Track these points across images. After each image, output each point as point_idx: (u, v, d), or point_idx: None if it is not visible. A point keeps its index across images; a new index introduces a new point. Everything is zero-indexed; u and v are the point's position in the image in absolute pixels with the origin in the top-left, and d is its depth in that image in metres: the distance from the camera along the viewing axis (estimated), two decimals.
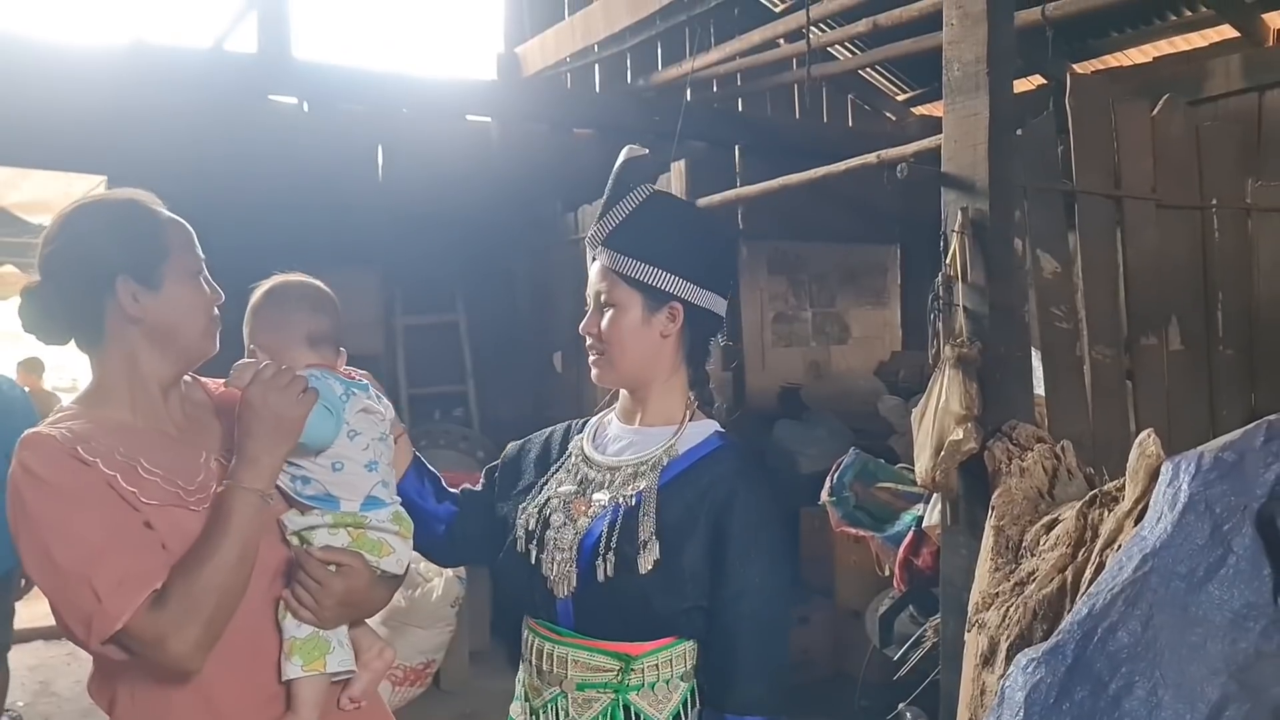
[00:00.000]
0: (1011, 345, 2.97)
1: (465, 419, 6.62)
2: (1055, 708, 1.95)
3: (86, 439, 1.43)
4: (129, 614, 1.34)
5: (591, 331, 1.67)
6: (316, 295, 1.68)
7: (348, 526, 1.55)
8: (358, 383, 1.66)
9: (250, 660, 1.50)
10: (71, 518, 1.37)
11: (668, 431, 1.67)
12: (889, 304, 8.37)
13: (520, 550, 1.65)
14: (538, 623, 1.66)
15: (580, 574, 1.57)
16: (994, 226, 2.92)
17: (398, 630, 4.56)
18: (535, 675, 1.64)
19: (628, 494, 1.60)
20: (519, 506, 1.72)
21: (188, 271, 1.56)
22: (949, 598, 3.01)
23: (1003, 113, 2.92)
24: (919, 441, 2.98)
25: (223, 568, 1.40)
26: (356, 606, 1.56)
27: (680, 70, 6.69)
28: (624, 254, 1.63)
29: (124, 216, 1.54)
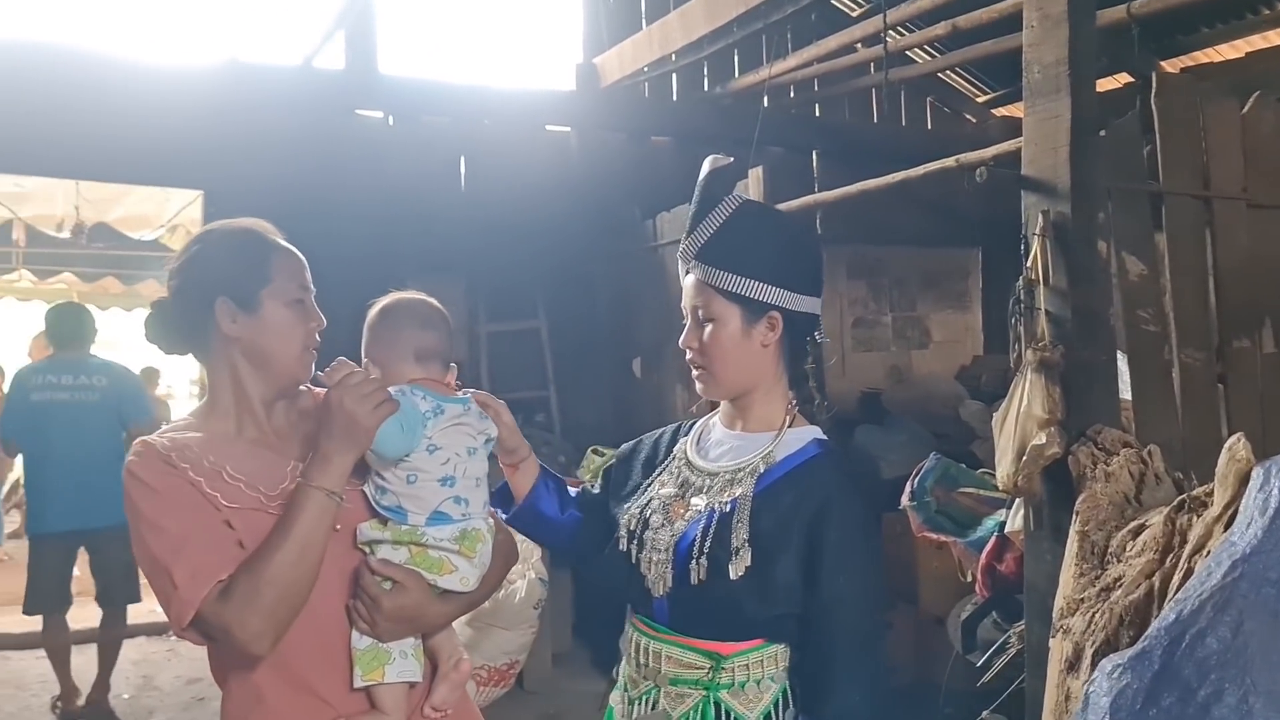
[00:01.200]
0: (1096, 349, 2.94)
1: (547, 424, 6.72)
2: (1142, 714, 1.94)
3: (181, 448, 1.56)
4: (199, 603, 1.45)
5: (692, 346, 1.69)
6: (426, 312, 1.72)
7: (407, 544, 1.58)
8: (458, 398, 1.68)
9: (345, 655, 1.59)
10: (160, 515, 1.50)
11: (767, 438, 1.69)
12: (970, 308, 8.27)
13: (622, 549, 1.70)
14: (639, 619, 1.71)
15: (675, 575, 1.61)
16: (1076, 229, 2.90)
17: (482, 631, 4.65)
18: (635, 668, 1.69)
19: (724, 500, 1.63)
20: (624, 506, 1.77)
21: (287, 299, 1.65)
22: (1033, 603, 2.98)
23: (1085, 114, 2.90)
24: (1000, 446, 2.96)
25: (283, 562, 1.47)
26: (411, 622, 1.59)
27: (757, 77, 6.71)
28: (719, 268, 1.64)
29: (233, 242, 1.66)
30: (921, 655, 4.80)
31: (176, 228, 7.94)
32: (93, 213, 7.49)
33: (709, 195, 1.68)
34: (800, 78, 6.91)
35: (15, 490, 8.76)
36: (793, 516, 1.58)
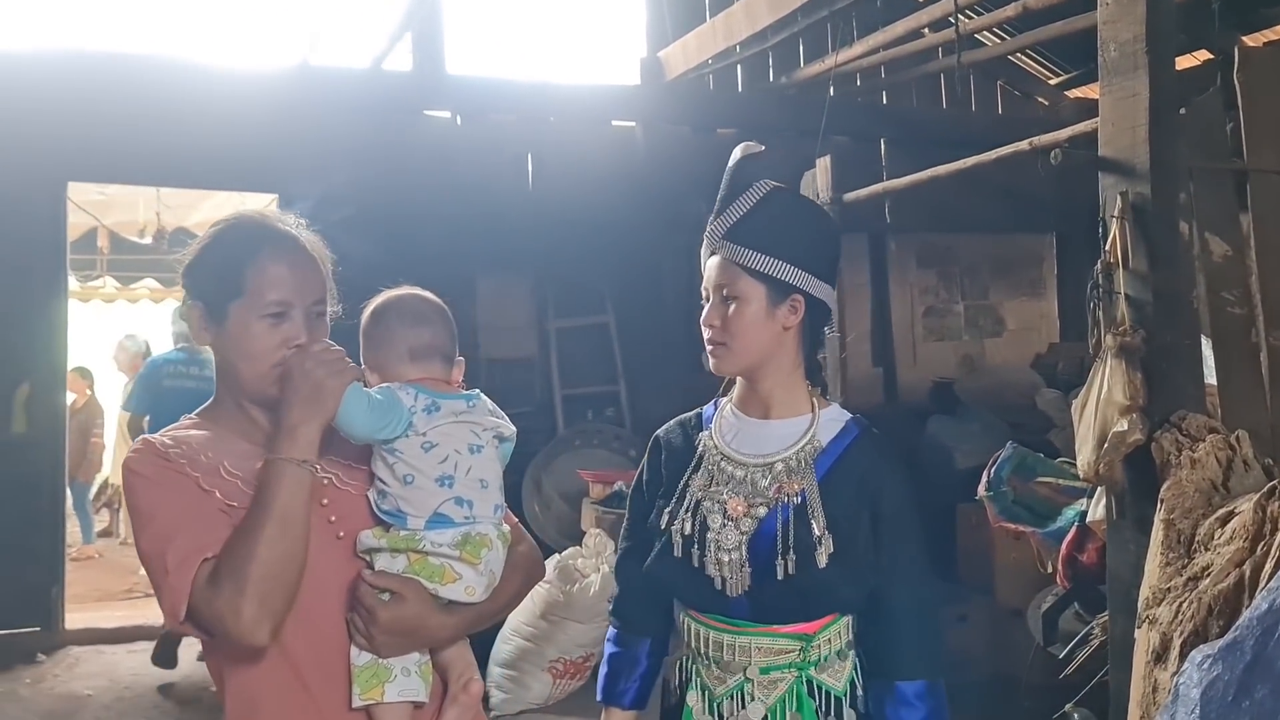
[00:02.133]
0: (1178, 333, 2.86)
1: (617, 418, 6.74)
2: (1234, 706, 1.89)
3: (181, 443, 1.53)
4: (188, 589, 1.39)
5: (714, 324, 1.70)
6: (419, 308, 1.64)
7: (405, 551, 1.49)
8: (461, 394, 1.61)
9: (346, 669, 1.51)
10: (154, 505, 1.46)
11: (802, 423, 1.72)
12: (1045, 295, 8.11)
13: (677, 555, 1.68)
14: (708, 617, 1.70)
15: (755, 573, 1.62)
16: (1156, 210, 2.82)
17: (557, 624, 4.69)
18: (714, 666, 1.68)
19: (791, 492, 1.65)
20: (664, 511, 1.74)
21: (260, 312, 1.52)
22: (1116, 594, 2.92)
23: (1164, 92, 2.82)
24: (1080, 434, 2.90)
25: (264, 539, 1.39)
26: (410, 635, 1.48)
27: (823, 66, 6.64)
28: (748, 247, 1.67)
29: (218, 244, 1.58)
30: (999, 648, 4.73)
31: None
32: (173, 218, 7.72)
33: (739, 180, 1.73)
34: (867, 65, 6.82)
35: (104, 490, 9.05)
36: (856, 496, 1.65)
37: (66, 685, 5.17)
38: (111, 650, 5.71)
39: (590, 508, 5.48)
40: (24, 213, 5.62)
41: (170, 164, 5.89)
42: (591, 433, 6.49)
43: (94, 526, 8.69)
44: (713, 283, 1.72)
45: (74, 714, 4.77)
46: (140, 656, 5.62)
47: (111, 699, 4.97)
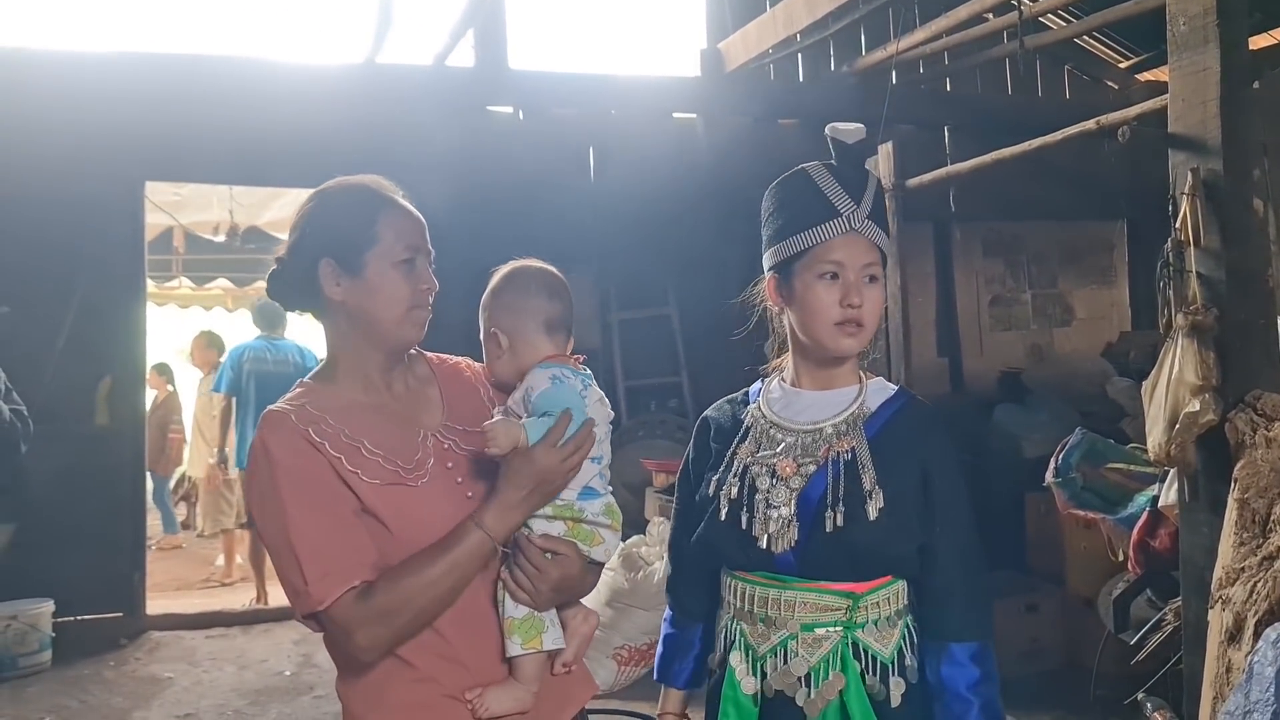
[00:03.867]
0: (1253, 311, 2.81)
1: (680, 409, 6.76)
2: None
3: (318, 421, 1.52)
4: (329, 602, 1.45)
5: (857, 303, 1.68)
6: (553, 281, 1.70)
7: (566, 519, 1.59)
8: (588, 374, 1.66)
9: (490, 627, 1.59)
10: (296, 502, 1.47)
11: (849, 392, 1.75)
12: (1116, 283, 7.95)
13: (722, 519, 1.69)
14: (755, 574, 1.70)
15: (804, 526, 1.63)
16: (1229, 187, 2.78)
17: (621, 611, 4.73)
18: (760, 623, 1.69)
19: (842, 450, 1.67)
20: (711, 480, 1.76)
21: (393, 259, 1.57)
22: (1190, 578, 2.87)
23: (1236, 66, 2.77)
24: (1151, 415, 2.86)
25: (429, 590, 1.48)
26: (568, 591, 1.60)
27: (885, 53, 6.59)
28: (882, 229, 1.71)
29: (341, 201, 1.61)
30: (1070, 637, 4.67)
31: None
32: (245, 217, 7.90)
33: (861, 159, 1.74)
34: (929, 51, 6.75)
35: (182, 483, 9.30)
36: (905, 457, 1.67)
37: (148, 668, 5.34)
38: (191, 635, 5.88)
39: (654, 496, 5.51)
40: (104, 212, 5.80)
41: (243, 162, 6.05)
42: (654, 423, 6.52)
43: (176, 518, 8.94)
44: (857, 262, 1.68)
45: (156, 696, 4.92)
46: (218, 642, 5.79)
47: (191, 682, 5.12)
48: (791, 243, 1.71)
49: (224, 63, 6.22)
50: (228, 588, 7.23)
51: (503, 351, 1.66)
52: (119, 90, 5.77)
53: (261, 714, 4.67)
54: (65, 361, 5.72)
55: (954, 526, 1.67)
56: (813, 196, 1.71)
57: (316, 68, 6.33)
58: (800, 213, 1.72)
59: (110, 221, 5.85)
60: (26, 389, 5.68)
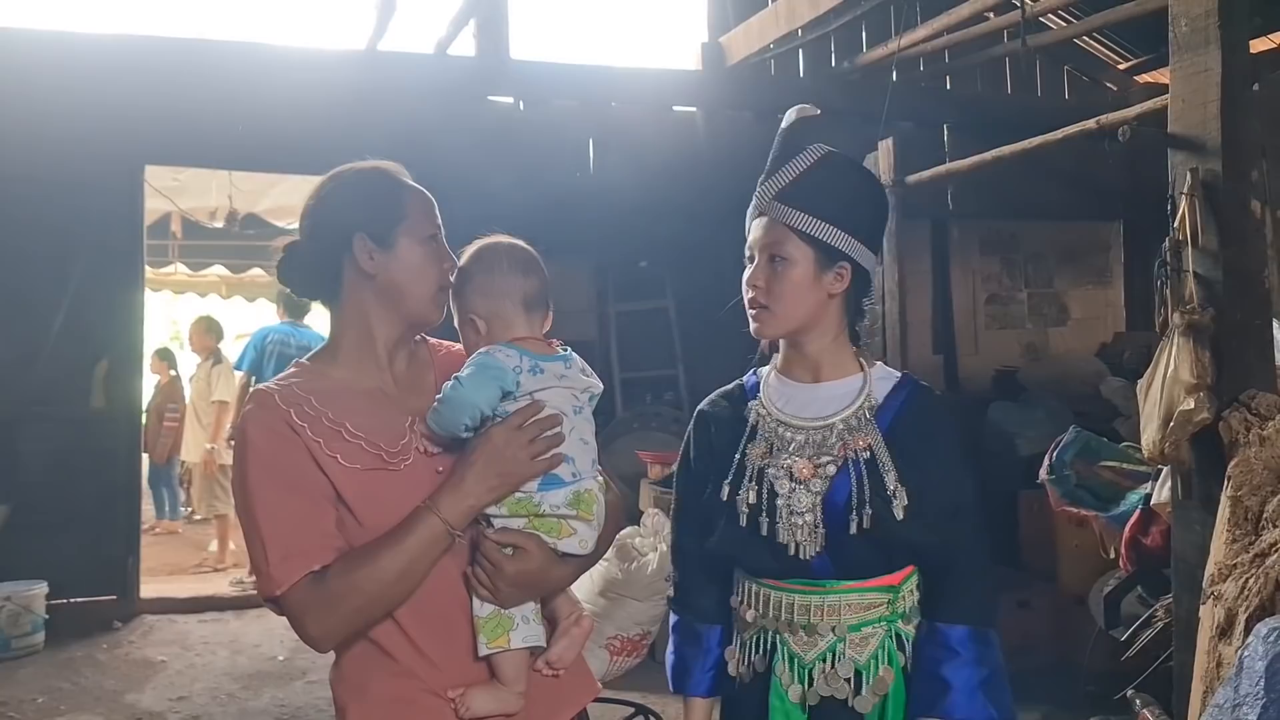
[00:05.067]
0: (1249, 311, 2.83)
1: (676, 401, 6.78)
2: None
3: (302, 403, 1.52)
4: (286, 586, 1.45)
5: (758, 284, 1.66)
6: (524, 256, 1.66)
7: (525, 516, 1.53)
8: (558, 355, 1.61)
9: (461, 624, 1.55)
10: (265, 484, 1.48)
11: (854, 383, 1.70)
12: (1111, 283, 7.98)
13: (744, 524, 1.64)
14: (789, 582, 1.65)
15: (832, 530, 1.60)
16: (1227, 187, 2.79)
17: (615, 601, 4.74)
18: (802, 631, 1.64)
19: (859, 448, 1.63)
20: (723, 484, 1.69)
21: (421, 236, 1.61)
22: (1181, 575, 2.90)
23: (1237, 68, 2.79)
24: (1145, 413, 2.88)
25: (379, 577, 1.45)
26: (533, 587, 1.55)
27: (886, 50, 6.61)
28: (800, 210, 1.64)
29: (366, 181, 1.63)
30: (1061, 634, 4.69)
31: None
32: (244, 203, 7.90)
33: (792, 142, 1.70)
34: (930, 49, 6.77)
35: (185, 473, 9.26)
36: (919, 446, 1.64)
37: (141, 651, 5.34)
38: (184, 619, 5.89)
39: (648, 488, 5.53)
40: (103, 195, 5.79)
41: (242, 148, 6.04)
42: (650, 415, 6.54)
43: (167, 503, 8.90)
44: (759, 243, 1.67)
45: (148, 679, 4.93)
46: (211, 626, 5.81)
47: (184, 665, 5.13)
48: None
49: (225, 47, 6.21)
50: (221, 572, 7.24)
51: (481, 337, 1.61)
52: (119, 73, 5.77)
53: (254, 698, 4.69)
54: (61, 344, 5.73)
55: (961, 509, 1.65)
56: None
57: (318, 53, 6.33)
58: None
59: (109, 205, 5.84)
60: (22, 371, 5.72)
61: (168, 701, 4.63)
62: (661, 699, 4.49)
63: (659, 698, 4.46)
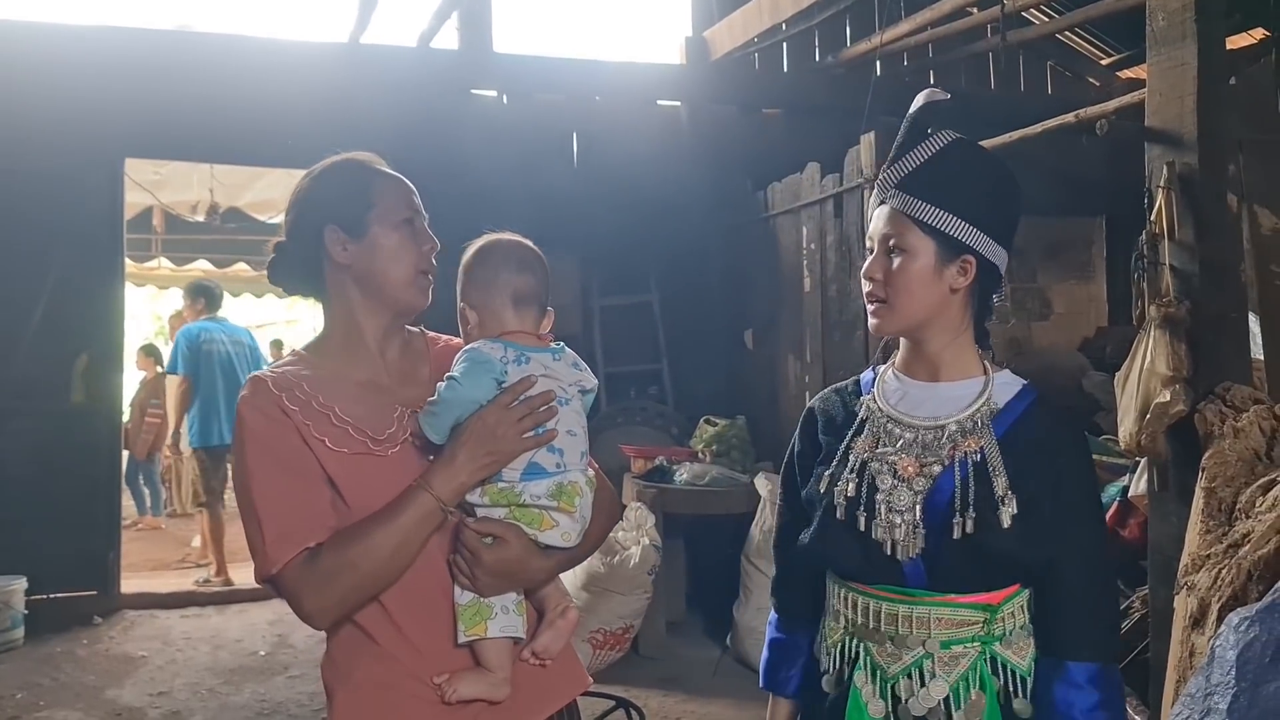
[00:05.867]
0: (1225, 304, 2.85)
1: (660, 396, 6.78)
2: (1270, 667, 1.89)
3: (293, 387, 1.55)
4: (281, 564, 1.47)
5: (875, 276, 1.58)
6: (522, 254, 1.67)
7: (505, 504, 1.55)
8: (547, 348, 1.63)
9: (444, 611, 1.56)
10: (261, 465, 1.51)
11: (974, 385, 1.60)
12: (1094, 278, 8.00)
13: (841, 518, 1.56)
14: (878, 588, 1.57)
15: (930, 534, 1.51)
16: (1204, 181, 2.81)
17: (598, 595, 4.75)
18: (889, 642, 1.55)
19: (969, 450, 1.54)
20: (824, 476, 1.62)
21: (394, 221, 1.61)
22: (1157, 566, 2.91)
23: (1213, 62, 2.80)
24: (1123, 405, 2.90)
25: (372, 554, 1.47)
26: (512, 577, 1.55)
27: (869, 44, 6.61)
28: (922, 199, 1.55)
29: (336, 172, 1.65)
30: None
31: None
32: (226, 197, 7.87)
33: (918, 128, 1.60)
34: (914, 44, 6.78)
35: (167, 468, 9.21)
36: (1036, 460, 1.54)
37: (121, 647, 5.32)
38: (165, 615, 5.87)
39: (631, 482, 5.53)
40: (82, 188, 5.76)
41: (224, 141, 6.02)
42: (634, 410, 6.54)
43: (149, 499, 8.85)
44: (878, 233, 1.59)
45: (129, 674, 4.91)
46: (193, 621, 5.79)
47: (165, 660, 5.11)
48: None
49: (206, 39, 6.19)
50: (204, 568, 7.21)
51: (472, 328, 1.64)
52: (99, 65, 5.74)
53: (236, 693, 4.67)
54: (40, 339, 5.70)
55: (1084, 539, 1.54)
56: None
57: (300, 46, 6.31)
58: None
59: (88, 198, 5.81)
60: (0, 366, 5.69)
61: (148, 697, 4.61)
62: (644, 693, 4.50)
63: (641, 691, 4.47)
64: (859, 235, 5.17)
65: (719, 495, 5.28)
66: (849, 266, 5.28)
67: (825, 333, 5.51)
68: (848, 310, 5.31)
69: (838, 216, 5.40)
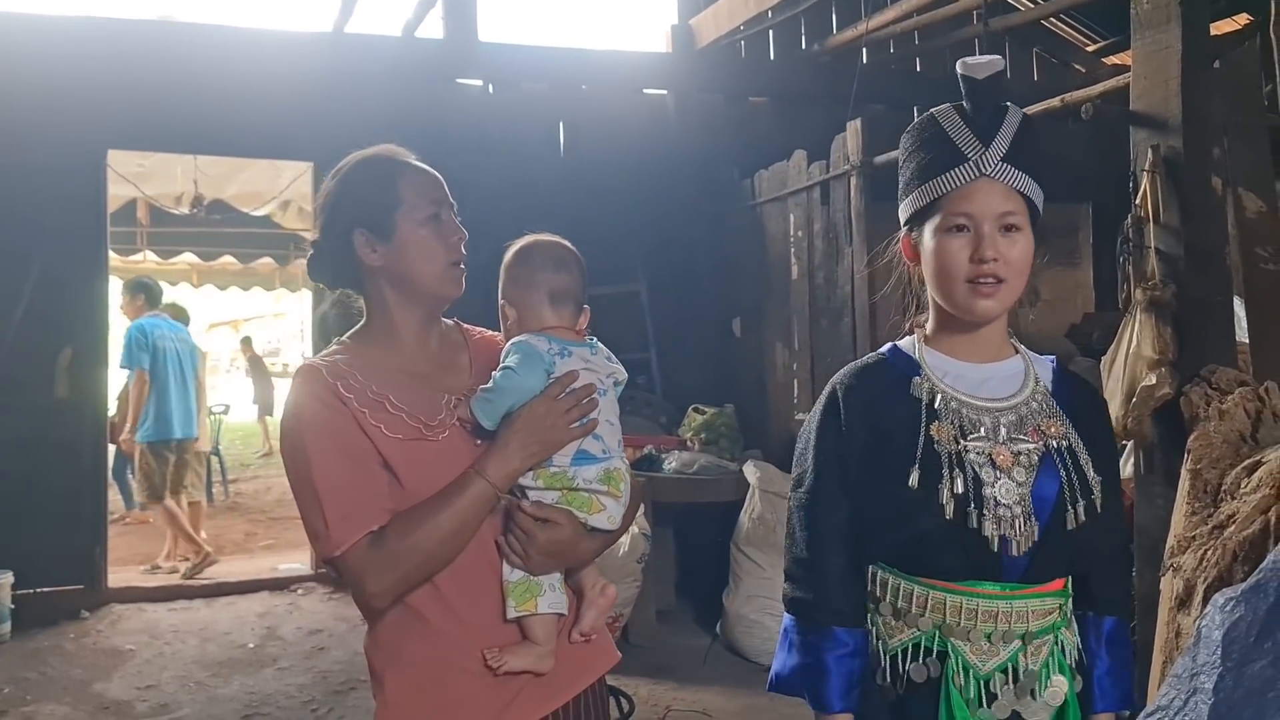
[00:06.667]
0: (1210, 287, 2.85)
1: (649, 385, 6.77)
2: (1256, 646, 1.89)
3: (347, 376, 1.59)
4: (345, 546, 1.52)
5: (995, 257, 1.49)
6: (560, 254, 1.74)
7: (559, 488, 1.62)
8: (584, 342, 1.72)
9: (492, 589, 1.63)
10: (321, 449, 1.55)
11: (1017, 365, 1.60)
12: (1080, 264, 8.02)
13: (951, 517, 1.47)
14: (971, 585, 1.50)
15: (1042, 525, 1.48)
16: (1189, 164, 2.81)
17: None
18: (985, 639, 1.50)
19: (1056, 434, 1.53)
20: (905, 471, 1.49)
21: (420, 217, 1.64)
22: (1144, 549, 2.92)
23: (1198, 46, 2.80)
24: (1109, 389, 2.90)
25: (434, 536, 1.53)
26: (562, 557, 1.63)
27: (855, 32, 6.61)
28: (1027, 175, 1.52)
29: (361, 172, 1.68)
30: None
31: (289, 203, 8.21)
32: (210, 188, 7.80)
33: (995, 97, 1.55)
34: (900, 31, 6.78)
35: None
36: (1096, 434, 1.56)
37: (109, 640, 5.30)
38: (153, 608, 5.85)
39: None
40: (66, 180, 5.71)
41: (208, 132, 5.98)
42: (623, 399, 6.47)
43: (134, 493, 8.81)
44: (990, 211, 1.50)
45: (116, 668, 4.89)
46: (181, 614, 5.77)
47: (152, 654, 5.09)
48: (920, 194, 1.56)
49: (190, 29, 6.14)
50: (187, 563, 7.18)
51: (511, 323, 1.71)
52: (81, 56, 5.69)
53: (224, 686, 4.66)
54: (24, 332, 5.65)
55: (1116, 495, 1.56)
56: (940, 142, 1.54)
57: (284, 36, 6.26)
58: (928, 161, 1.55)
59: (71, 190, 5.76)
60: None
61: (135, 690, 4.60)
62: (634, 681, 4.51)
63: (631, 679, 4.47)
64: (845, 223, 5.17)
65: (708, 483, 5.28)
66: (836, 254, 5.28)
67: (813, 320, 5.51)
68: (835, 298, 5.31)
69: (824, 204, 5.39)
